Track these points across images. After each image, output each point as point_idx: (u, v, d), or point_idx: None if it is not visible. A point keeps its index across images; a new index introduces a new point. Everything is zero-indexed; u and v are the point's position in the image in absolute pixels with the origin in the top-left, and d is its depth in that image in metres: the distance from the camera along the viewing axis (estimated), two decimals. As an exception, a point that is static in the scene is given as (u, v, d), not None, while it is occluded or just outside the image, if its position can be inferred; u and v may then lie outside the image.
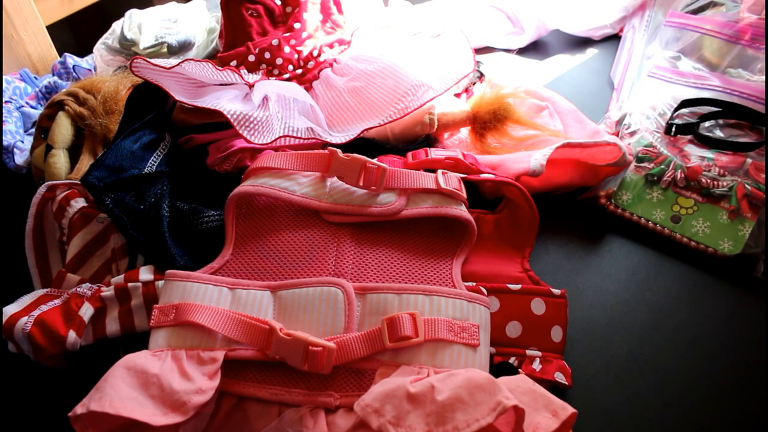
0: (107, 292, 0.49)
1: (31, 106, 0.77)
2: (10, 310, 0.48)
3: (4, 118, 0.72)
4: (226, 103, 0.58)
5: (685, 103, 0.67)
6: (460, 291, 0.47)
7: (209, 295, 0.47)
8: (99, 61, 0.82)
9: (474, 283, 0.50)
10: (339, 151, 0.52)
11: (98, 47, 0.83)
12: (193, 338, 0.44)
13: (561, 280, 0.57)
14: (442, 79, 0.64)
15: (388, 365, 0.43)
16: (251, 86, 0.63)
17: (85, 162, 0.64)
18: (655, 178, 0.61)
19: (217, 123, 0.62)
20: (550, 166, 0.57)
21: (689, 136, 0.64)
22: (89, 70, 0.81)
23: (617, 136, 0.67)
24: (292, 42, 0.71)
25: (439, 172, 0.53)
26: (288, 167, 0.53)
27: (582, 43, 0.88)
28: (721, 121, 0.66)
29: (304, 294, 0.47)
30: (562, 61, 0.85)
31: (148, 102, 0.62)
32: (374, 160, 0.52)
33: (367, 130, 0.60)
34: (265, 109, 0.61)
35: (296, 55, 0.70)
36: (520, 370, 0.47)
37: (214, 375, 0.41)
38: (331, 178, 0.53)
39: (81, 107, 0.65)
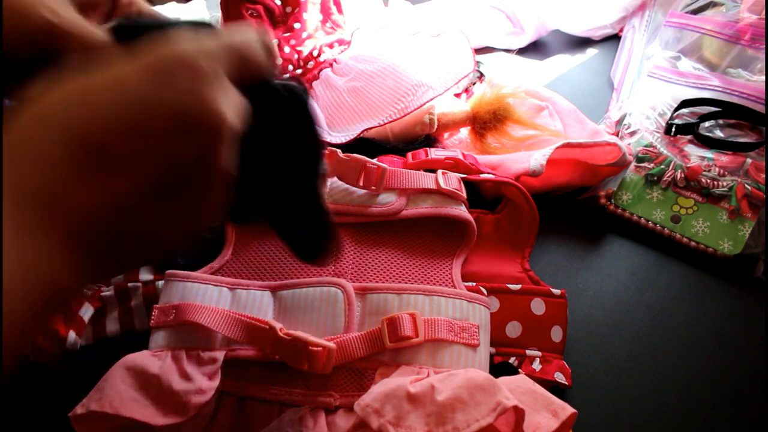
0: (107, 292, 0.49)
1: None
2: (10, 310, 0.48)
3: (4, 118, 0.72)
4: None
5: (685, 103, 0.67)
6: (460, 291, 0.47)
7: (209, 295, 0.47)
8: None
9: (474, 283, 0.50)
10: (339, 151, 0.52)
11: (98, 47, 0.83)
12: (193, 338, 0.44)
13: (561, 280, 0.57)
14: (442, 79, 0.64)
15: (388, 365, 0.43)
16: (251, 86, 0.63)
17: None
18: (655, 178, 0.61)
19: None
20: (550, 166, 0.57)
21: (689, 136, 0.64)
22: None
23: (617, 136, 0.67)
24: (292, 42, 0.71)
25: (439, 172, 0.53)
26: (288, 167, 0.53)
27: (582, 43, 0.88)
28: (721, 121, 0.66)
29: (304, 294, 0.47)
30: (562, 61, 0.85)
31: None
32: (374, 160, 0.52)
33: (367, 130, 0.60)
34: (265, 109, 0.60)
35: (296, 55, 0.70)
36: (520, 370, 0.47)
37: (214, 375, 0.41)
38: (331, 178, 0.53)
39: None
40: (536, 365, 0.47)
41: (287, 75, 0.70)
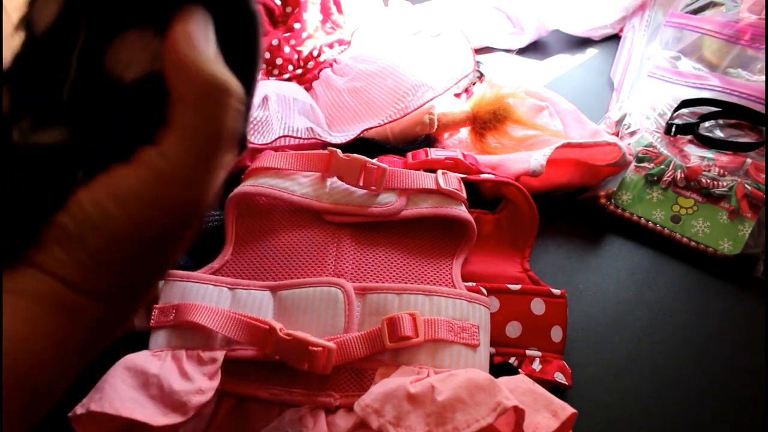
0: (107, 292, 0.49)
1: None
2: (10, 310, 0.48)
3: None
4: (226, 103, 0.58)
5: (685, 103, 0.67)
6: (460, 291, 0.47)
7: (209, 295, 0.47)
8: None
9: (474, 283, 0.50)
10: (339, 151, 0.52)
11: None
12: (193, 338, 0.44)
13: (561, 280, 0.57)
14: (442, 79, 0.64)
15: (388, 365, 0.43)
16: (251, 86, 0.63)
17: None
18: (655, 178, 0.61)
19: (217, 123, 0.62)
20: (550, 166, 0.57)
21: (689, 136, 0.64)
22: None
23: (617, 136, 0.67)
24: (292, 42, 0.71)
25: (439, 172, 0.53)
26: (288, 167, 0.53)
27: (582, 43, 0.88)
28: (721, 121, 0.66)
29: (304, 294, 0.47)
30: (562, 61, 0.85)
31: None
32: (374, 160, 0.52)
33: (367, 130, 0.60)
34: (264, 109, 0.60)
35: (296, 55, 0.70)
36: (520, 370, 0.47)
37: (214, 375, 0.41)
38: (331, 178, 0.53)
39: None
40: (536, 365, 0.47)
41: (287, 75, 0.70)
